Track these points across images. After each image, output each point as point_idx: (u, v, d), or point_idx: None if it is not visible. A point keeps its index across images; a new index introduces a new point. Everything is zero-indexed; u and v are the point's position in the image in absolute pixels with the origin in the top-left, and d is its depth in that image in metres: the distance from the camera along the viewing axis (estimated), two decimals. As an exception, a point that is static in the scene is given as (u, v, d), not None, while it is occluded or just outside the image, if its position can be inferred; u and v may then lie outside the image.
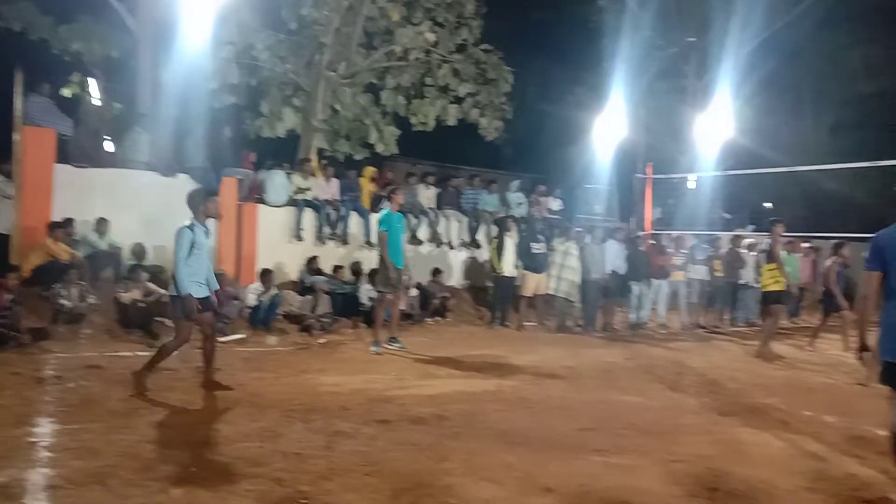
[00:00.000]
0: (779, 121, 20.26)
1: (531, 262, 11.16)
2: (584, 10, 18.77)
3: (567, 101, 19.23)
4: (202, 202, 5.97)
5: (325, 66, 12.72)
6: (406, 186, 12.53)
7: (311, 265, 10.62)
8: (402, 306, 9.62)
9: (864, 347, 3.94)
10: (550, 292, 11.19)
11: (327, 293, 10.02)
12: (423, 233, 12.41)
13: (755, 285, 12.74)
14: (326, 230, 11.35)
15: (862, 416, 5.86)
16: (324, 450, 4.36)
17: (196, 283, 5.75)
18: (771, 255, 9.15)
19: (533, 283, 11.19)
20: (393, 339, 8.53)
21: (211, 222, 6.25)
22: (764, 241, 9.48)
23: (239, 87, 12.48)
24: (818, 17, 19.07)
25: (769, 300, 9.31)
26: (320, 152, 13.34)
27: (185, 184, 10.32)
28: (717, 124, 15.97)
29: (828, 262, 9.87)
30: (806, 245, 14.69)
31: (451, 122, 13.94)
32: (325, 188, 11.63)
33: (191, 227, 5.81)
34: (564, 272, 11.08)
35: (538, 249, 11.21)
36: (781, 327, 12.82)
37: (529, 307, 11.47)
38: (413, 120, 13.98)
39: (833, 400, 6.61)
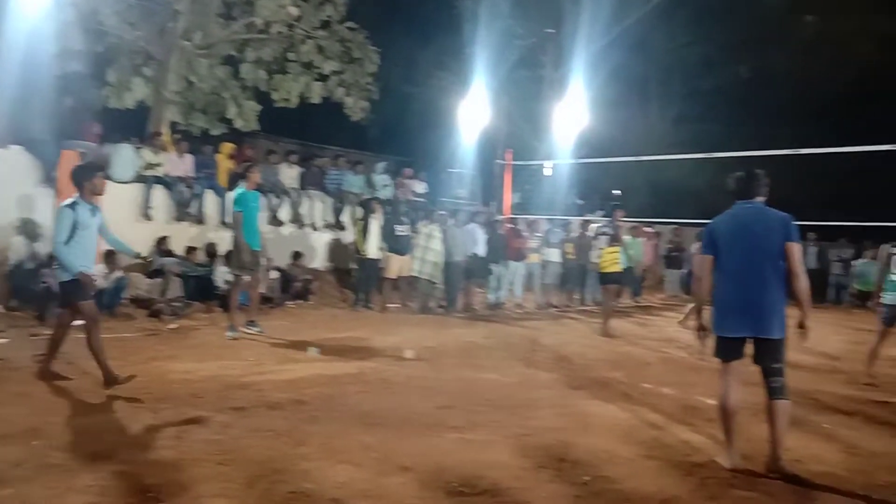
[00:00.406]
0: (628, 112, 21.56)
1: (395, 244, 11.21)
2: (448, -7, 18.93)
3: (431, 85, 19.39)
4: (88, 178, 5.45)
5: (179, 35, 12.01)
6: (267, 165, 12.15)
7: (161, 246, 10.06)
8: (262, 289, 9.36)
9: (701, 325, 4.32)
10: (414, 274, 11.32)
11: (179, 276, 9.54)
12: (284, 213, 12.10)
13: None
14: (179, 209, 10.78)
15: (693, 387, 6.42)
16: (173, 440, 4.17)
17: (81, 268, 5.30)
18: (614, 238, 9.75)
19: (397, 266, 11.26)
20: (251, 323, 8.28)
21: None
22: (605, 225, 10.08)
23: (83, 53, 11.50)
24: (663, 16, 20.41)
25: (606, 280, 9.94)
26: (173, 126, 12.62)
27: (18, 156, 9.44)
28: (573, 114, 16.74)
29: (694, 248, 10.68)
30: (648, 230, 15.82)
31: (316, 99, 13.64)
32: (178, 164, 11.02)
33: (72, 206, 5.29)
34: (428, 254, 11.24)
35: (402, 232, 11.28)
36: (625, 305, 13.80)
37: (393, 289, 11.54)
38: (275, 96, 13.53)
39: (668, 373, 7.18)
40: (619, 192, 23.59)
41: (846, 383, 7.02)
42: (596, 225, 14.00)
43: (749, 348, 4.15)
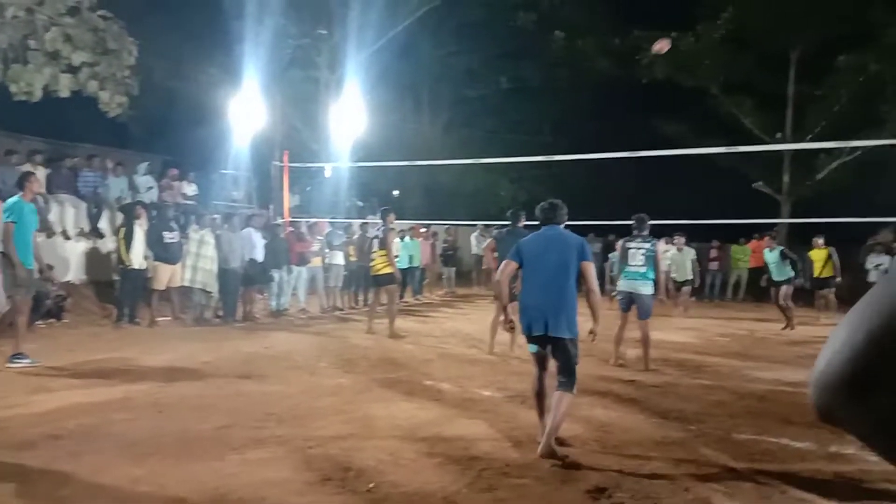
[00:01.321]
0: (402, 117, 22.24)
1: (164, 252, 10.46)
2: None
3: (200, 81, 18.31)
4: None
5: None
6: (7, 166, 10.70)
7: None
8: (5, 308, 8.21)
9: (509, 320, 4.85)
10: (186, 284, 10.66)
11: None
12: (29, 221, 10.71)
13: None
14: None
15: (471, 380, 6.81)
16: None
17: None
18: (383, 242, 9.83)
19: (166, 275, 10.51)
20: (19, 356, 7.14)
21: None
22: (377, 229, 10.23)
23: None
24: (433, 25, 21.32)
25: (381, 283, 10.08)
26: None
27: None
28: (350, 116, 16.82)
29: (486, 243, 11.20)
30: (425, 230, 16.44)
31: (64, 93, 12.20)
32: None
33: None
34: (200, 262, 10.64)
35: (171, 238, 10.56)
36: (407, 304, 14.22)
37: (163, 301, 10.75)
38: (14, 88, 11.88)
39: (448, 368, 7.52)
40: (397, 192, 24.26)
41: (598, 365, 7.87)
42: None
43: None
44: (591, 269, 4.67)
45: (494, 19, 22.03)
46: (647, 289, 7.78)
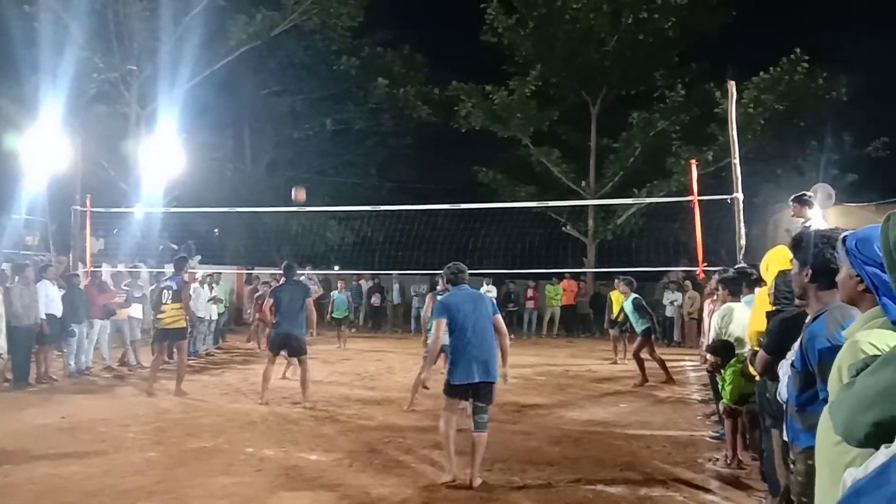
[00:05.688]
0: (223, 155, 21.43)
1: (-63, 311, 9.13)
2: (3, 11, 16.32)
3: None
4: None
5: None
6: None
7: None
8: None
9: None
10: (-34, 346, 9.35)
11: None
12: None
13: (205, 317, 13.19)
14: None
15: (296, 445, 6.56)
16: None
17: None
18: (178, 294, 9.18)
19: (-58, 338, 9.16)
20: None
21: None
22: (170, 279, 9.47)
23: None
24: (254, 64, 20.91)
25: (171, 337, 9.45)
26: None
27: None
28: (164, 155, 15.90)
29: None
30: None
31: None
32: None
33: None
34: (-15, 321, 9.38)
35: (-54, 295, 9.25)
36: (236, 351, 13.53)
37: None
38: None
39: (272, 430, 7.20)
40: (217, 231, 23.18)
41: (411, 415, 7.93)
42: (199, 272, 13.49)
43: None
44: (499, 320, 5.61)
45: (317, 62, 22.08)
46: None
